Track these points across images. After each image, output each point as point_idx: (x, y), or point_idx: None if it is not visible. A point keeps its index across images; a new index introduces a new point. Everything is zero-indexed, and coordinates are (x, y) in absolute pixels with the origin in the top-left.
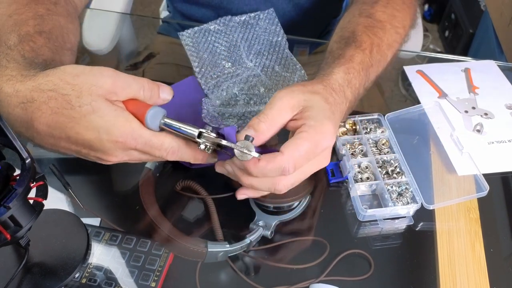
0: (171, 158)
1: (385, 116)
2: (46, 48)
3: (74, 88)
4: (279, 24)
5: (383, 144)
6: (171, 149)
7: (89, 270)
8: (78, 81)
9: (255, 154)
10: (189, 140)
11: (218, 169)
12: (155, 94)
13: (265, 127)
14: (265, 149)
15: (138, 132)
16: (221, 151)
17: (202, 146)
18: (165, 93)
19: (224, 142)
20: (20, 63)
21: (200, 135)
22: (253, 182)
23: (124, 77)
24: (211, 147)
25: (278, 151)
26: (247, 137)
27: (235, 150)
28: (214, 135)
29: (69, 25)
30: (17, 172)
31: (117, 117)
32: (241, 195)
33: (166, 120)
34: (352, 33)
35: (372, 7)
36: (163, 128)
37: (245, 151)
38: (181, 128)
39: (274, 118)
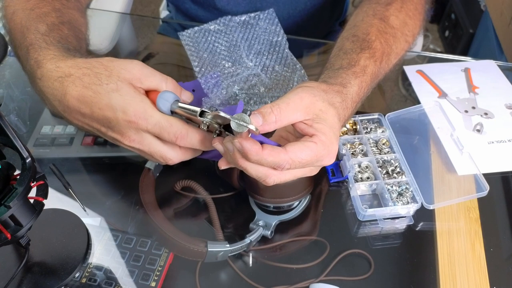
0: (181, 143)
1: (386, 116)
2: (71, 37)
3: (106, 69)
4: (279, 24)
5: (383, 144)
6: (180, 133)
7: (89, 270)
8: (111, 64)
9: (251, 126)
10: (198, 126)
11: (217, 146)
12: (177, 92)
13: (273, 120)
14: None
15: (149, 113)
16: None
17: (204, 127)
18: (185, 96)
19: (221, 114)
20: (59, 47)
21: (202, 114)
22: (247, 167)
23: (151, 69)
24: (217, 130)
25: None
26: (244, 111)
27: (231, 122)
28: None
29: (81, 19)
30: (18, 171)
31: (133, 98)
32: (224, 165)
33: (177, 104)
34: (366, 35)
35: (386, 9)
36: (175, 112)
37: (242, 123)
38: (186, 107)
39: (286, 114)
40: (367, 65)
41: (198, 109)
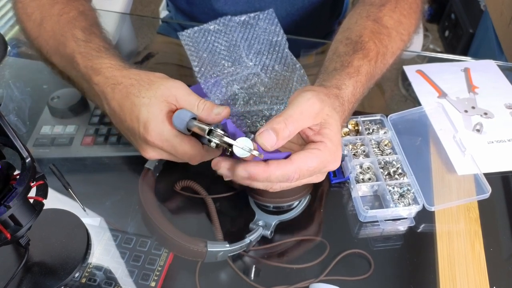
0: (195, 163)
1: (388, 117)
2: (105, 39)
3: (149, 82)
4: (279, 24)
5: (385, 145)
6: (194, 157)
7: (89, 270)
8: (155, 79)
9: (255, 152)
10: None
11: (215, 167)
12: (208, 109)
13: (288, 135)
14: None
15: (165, 136)
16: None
17: (213, 144)
18: (219, 110)
19: (226, 139)
20: (109, 54)
21: (210, 132)
22: (252, 184)
23: (188, 91)
24: (227, 148)
25: (280, 152)
26: (248, 136)
27: (234, 148)
28: (222, 132)
29: (98, 18)
30: (17, 171)
31: (156, 117)
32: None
33: (193, 122)
34: (359, 37)
35: (380, 10)
36: (192, 130)
37: (245, 148)
38: (198, 125)
39: (300, 125)
40: (361, 65)
41: (206, 128)
